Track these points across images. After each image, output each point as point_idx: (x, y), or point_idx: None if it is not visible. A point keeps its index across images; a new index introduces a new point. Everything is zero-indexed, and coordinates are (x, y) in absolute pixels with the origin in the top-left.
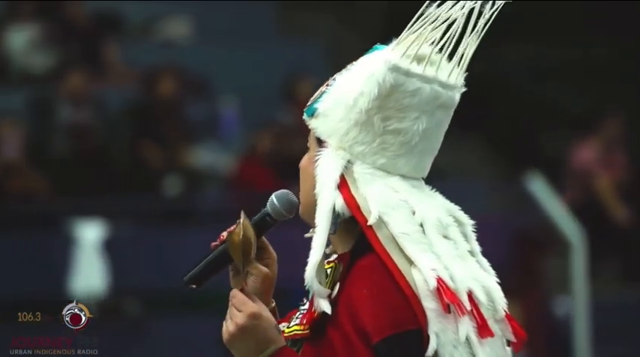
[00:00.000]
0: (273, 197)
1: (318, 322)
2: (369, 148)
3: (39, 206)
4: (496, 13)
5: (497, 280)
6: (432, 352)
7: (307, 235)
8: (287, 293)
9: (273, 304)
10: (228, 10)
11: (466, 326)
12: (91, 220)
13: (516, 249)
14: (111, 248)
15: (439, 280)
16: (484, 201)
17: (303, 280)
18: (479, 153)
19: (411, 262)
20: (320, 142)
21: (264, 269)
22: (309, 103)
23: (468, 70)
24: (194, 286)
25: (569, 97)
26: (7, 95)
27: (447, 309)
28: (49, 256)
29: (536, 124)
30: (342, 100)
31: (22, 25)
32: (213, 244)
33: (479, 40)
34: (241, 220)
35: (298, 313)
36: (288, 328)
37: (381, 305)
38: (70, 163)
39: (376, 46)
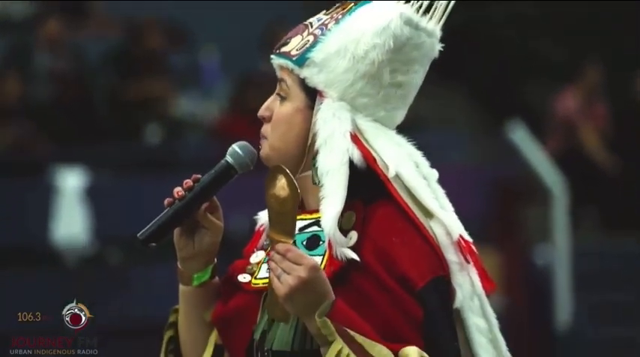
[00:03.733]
0: (236, 148)
1: (339, 272)
2: (373, 100)
3: (19, 154)
4: None
5: None
6: (459, 303)
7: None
8: None
9: (215, 260)
10: None
11: (476, 277)
12: (72, 167)
13: (497, 198)
14: (92, 196)
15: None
16: (465, 150)
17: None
18: (460, 103)
19: (427, 214)
20: (309, 93)
21: (219, 223)
22: (290, 51)
23: (449, 19)
24: (153, 244)
25: (550, 46)
26: None
27: (467, 261)
28: (30, 204)
29: (517, 73)
30: (347, 50)
31: None
32: (168, 200)
33: None
34: (285, 175)
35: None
36: (256, 278)
37: (416, 252)
38: (50, 110)
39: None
